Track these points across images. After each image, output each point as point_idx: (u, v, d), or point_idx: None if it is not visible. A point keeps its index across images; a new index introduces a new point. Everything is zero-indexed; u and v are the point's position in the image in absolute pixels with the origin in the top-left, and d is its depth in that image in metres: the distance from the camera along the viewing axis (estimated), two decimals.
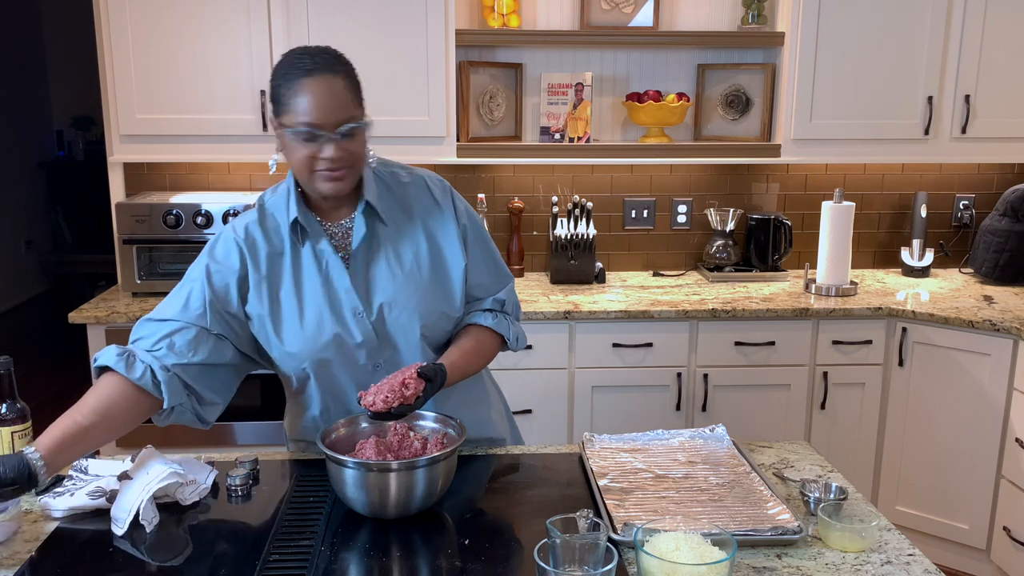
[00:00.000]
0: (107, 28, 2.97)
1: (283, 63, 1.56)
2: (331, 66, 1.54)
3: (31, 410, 1.65)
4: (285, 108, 1.53)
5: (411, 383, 1.51)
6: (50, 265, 6.81)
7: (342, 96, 1.54)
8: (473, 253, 1.75)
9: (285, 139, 1.56)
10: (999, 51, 3.13)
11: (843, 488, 1.56)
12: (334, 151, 1.53)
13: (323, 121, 1.51)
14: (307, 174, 1.57)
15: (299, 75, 1.51)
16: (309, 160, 1.54)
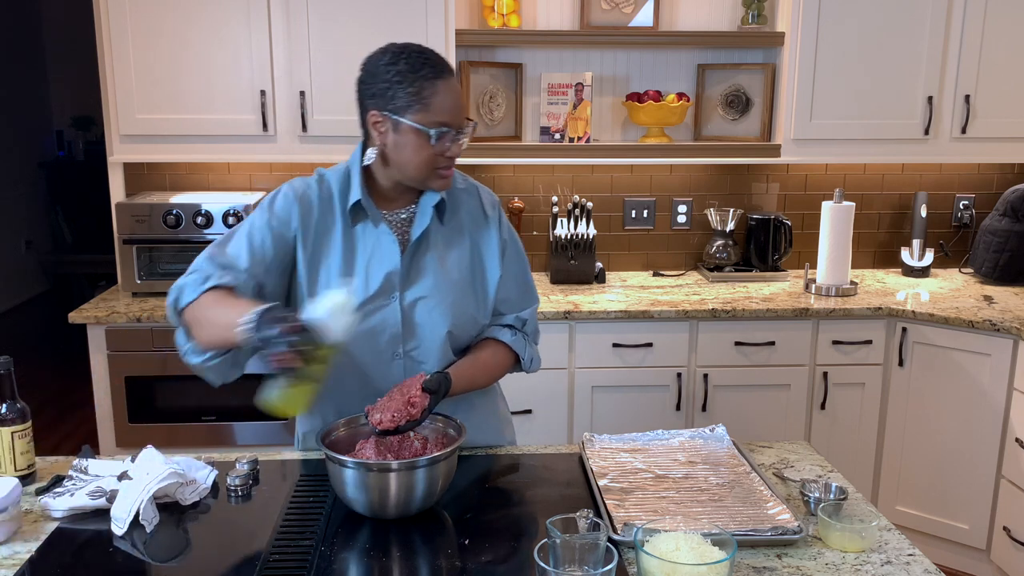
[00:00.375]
0: (107, 28, 2.97)
1: (403, 61, 1.57)
2: (451, 69, 1.61)
3: (31, 410, 1.65)
4: (417, 107, 1.56)
5: (416, 401, 1.52)
6: (50, 265, 6.81)
7: (462, 97, 1.64)
8: (507, 268, 1.78)
9: (406, 136, 1.58)
10: (999, 51, 3.13)
11: (843, 488, 1.56)
12: (456, 150, 1.61)
13: (455, 121, 1.59)
14: (426, 170, 1.61)
15: (435, 75, 1.56)
16: (433, 158, 1.59)
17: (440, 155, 1.59)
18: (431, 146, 1.58)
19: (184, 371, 2.86)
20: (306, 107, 3.03)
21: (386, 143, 1.61)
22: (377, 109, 1.59)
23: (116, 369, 2.89)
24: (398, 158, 1.61)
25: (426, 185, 1.64)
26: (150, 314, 2.86)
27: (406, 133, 1.58)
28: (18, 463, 1.62)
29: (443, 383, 1.57)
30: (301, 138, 3.06)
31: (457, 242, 1.74)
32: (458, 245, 1.74)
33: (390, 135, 1.59)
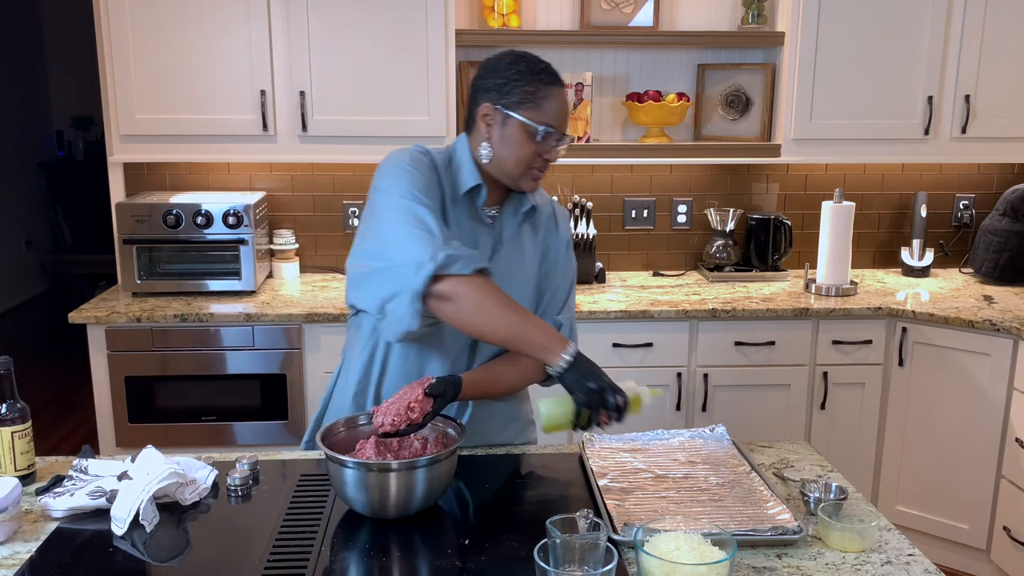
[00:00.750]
0: (107, 28, 2.97)
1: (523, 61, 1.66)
2: (564, 83, 1.72)
3: (31, 410, 1.65)
4: (530, 105, 1.63)
5: (416, 406, 1.52)
6: (50, 265, 6.81)
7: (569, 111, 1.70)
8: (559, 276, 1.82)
9: (513, 131, 1.64)
10: (999, 51, 3.13)
11: (843, 488, 1.56)
12: (555, 155, 1.68)
13: (562, 127, 1.67)
14: (522, 168, 1.66)
15: (550, 81, 1.66)
16: (532, 157, 1.65)
17: (539, 155, 1.65)
18: (534, 144, 1.64)
19: (184, 371, 2.89)
20: (306, 107, 3.03)
21: (492, 136, 1.66)
22: (490, 102, 1.65)
23: (116, 369, 2.89)
24: (501, 152, 1.66)
25: (518, 183, 1.69)
26: (150, 314, 2.86)
27: (514, 128, 1.64)
28: (18, 463, 1.62)
29: (450, 388, 1.58)
30: (301, 138, 3.06)
31: (532, 247, 1.79)
32: (533, 249, 1.79)
33: (497, 128, 1.65)
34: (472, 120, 1.70)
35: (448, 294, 1.54)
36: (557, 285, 1.82)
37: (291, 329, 2.89)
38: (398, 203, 1.59)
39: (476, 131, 1.69)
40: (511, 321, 1.53)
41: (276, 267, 3.36)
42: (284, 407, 2.94)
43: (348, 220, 3.45)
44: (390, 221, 1.59)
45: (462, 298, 1.53)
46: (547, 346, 1.52)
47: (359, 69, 3.03)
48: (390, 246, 1.58)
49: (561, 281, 1.83)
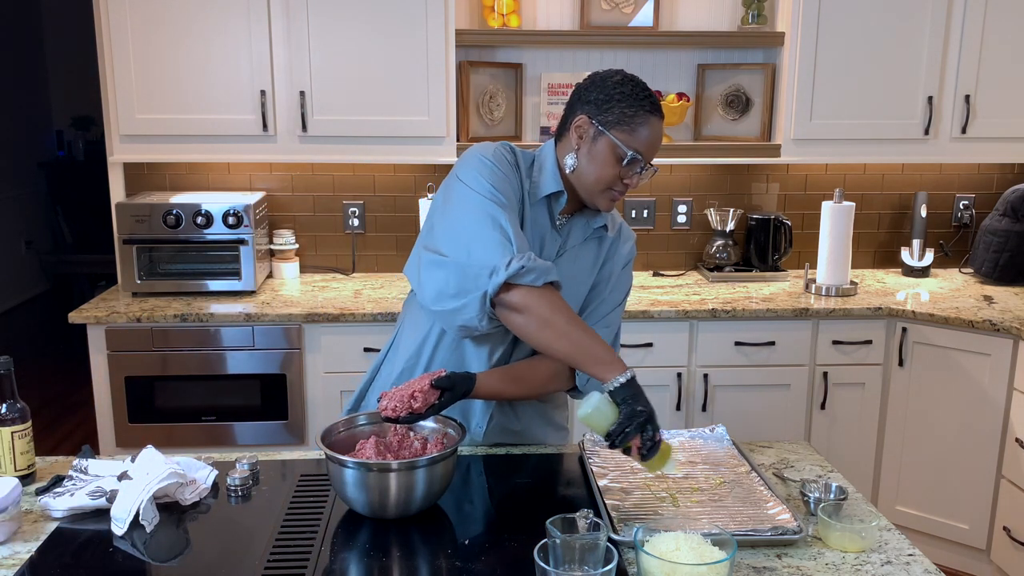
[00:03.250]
0: (107, 28, 2.97)
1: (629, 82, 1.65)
2: (663, 115, 1.70)
3: (31, 410, 1.65)
4: (628, 126, 1.63)
5: (419, 396, 1.53)
6: (50, 265, 6.81)
7: (661, 142, 1.69)
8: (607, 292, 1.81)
9: (602, 147, 1.64)
10: (999, 51, 3.13)
11: (843, 488, 1.56)
12: (636, 181, 1.69)
13: (648, 156, 1.67)
14: (600, 187, 1.67)
15: (650, 109, 1.64)
16: (614, 179, 1.66)
17: (621, 179, 1.66)
18: (619, 166, 1.64)
19: (184, 371, 2.89)
20: (306, 107, 3.03)
21: (580, 148, 1.66)
22: (588, 115, 1.65)
23: (116, 369, 2.89)
24: (585, 166, 1.66)
25: (594, 200, 1.69)
26: (150, 314, 2.86)
27: (604, 145, 1.64)
28: (18, 463, 1.62)
29: (460, 383, 1.58)
30: (301, 138, 3.06)
31: (594, 260, 1.79)
32: (593, 263, 1.79)
33: (587, 142, 1.65)
34: (565, 128, 1.70)
35: (518, 305, 1.56)
36: (604, 298, 1.81)
37: (291, 329, 2.89)
38: (478, 200, 1.61)
39: (566, 140, 1.69)
40: (576, 335, 1.55)
41: (276, 267, 3.36)
42: (284, 407, 2.94)
43: (348, 220, 3.45)
44: (468, 217, 1.61)
45: (531, 311, 1.56)
46: (608, 363, 1.53)
47: (359, 69, 3.03)
48: (466, 243, 1.59)
49: (610, 295, 1.82)
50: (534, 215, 1.72)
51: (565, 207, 1.74)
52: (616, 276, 1.82)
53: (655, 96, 1.67)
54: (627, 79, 1.66)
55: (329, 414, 2.93)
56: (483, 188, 1.62)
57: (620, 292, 1.84)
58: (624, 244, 1.84)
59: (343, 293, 3.14)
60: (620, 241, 1.83)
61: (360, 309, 2.91)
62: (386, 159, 3.12)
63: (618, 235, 1.84)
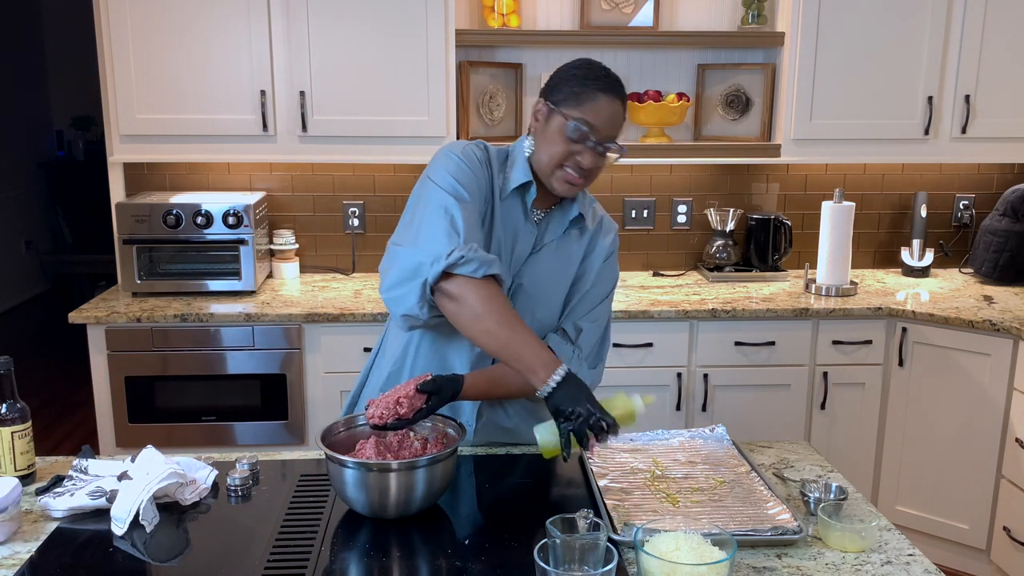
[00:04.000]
0: (107, 28, 2.97)
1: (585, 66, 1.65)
2: (622, 92, 1.66)
3: (31, 410, 1.65)
4: (575, 101, 1.61)
5: (405, 402, 1.52)
6: (50, 265, 6.81)
7: (619, 119, 1.65)
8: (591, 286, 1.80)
9: (552, 124, 1.63)
10: (999, 51, 3.13)
11: (843, 488, 1.56)
12: (589, 160, 1.63)
13: (602, 130, 1.62)
14: (552, 167, 1.65)
15: (600, 87, 1.62)
16: (564, 155, 1.63)
17: (570, 154, 1.62)
18: (566, 140, 1.61)
19: (184, 371, 2.89)
20: (306, 107, 3.03)
21: (536, 130, 1.67)
22: (543, 98, 1.66)
23: (116, 369, 2.89)
24: (539, 146, 1.67)
25: (550, 183, 1.67)
26: (150, 314, 2.86)
27: (552, 121, 1.64)
28: (18, 463, 1.62)
29: (447, 386, 1.57)
30: (301, 138, 3.06)
31: (575, 253, 1.78)
32: (574, 257, 1.78)
33: (542, 123, 1.66)
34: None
35: (453, 293, 1.55)
36: (587, 291, 1.80)
37: (291, 329, 2.89)
38: (437, 194, 1.62)
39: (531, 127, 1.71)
40: (504, 335, 1.52)
41: (276, 267, 3.36)
42: (284, 407, 2.94)
43: (348, 220, 3.45)
44: (424, 210, 1.62)
45: (464, 301, 1.54)
46: (534, 368, 1.49)
47: (359, 69, 3.03)
48: (416, 234, 1.61)
49: (593, 289, 1.80)
50: (506, 209, 1.71)
51: (543, 201, 1.73)
52: (598, 270, 1.80)
53: (615, 78, 1.65)
54: (585, 63, 1.66)
55: (329, 414, 2.92)
56: (444, 182, 1.63)
57: (606, 286, 1.82)
58: (605, 236, 1.82)
59: (343, 293, 3.14)
60: (601, 233, 1.82)
61: (360, 309, 2.91)
62: (386, 159, 3.12)
63: (599, 227, 1.82)
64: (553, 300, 1.76)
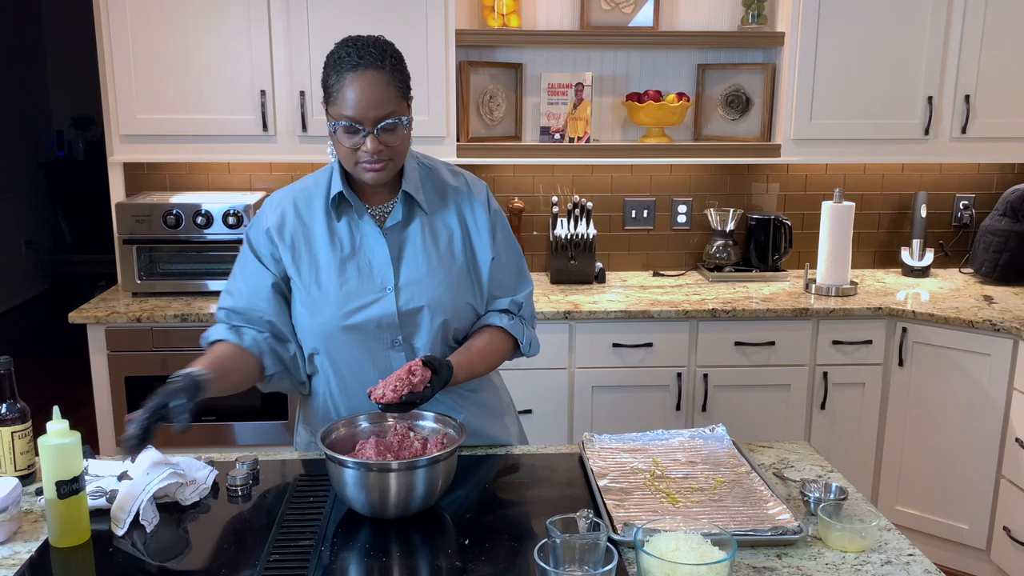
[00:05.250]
0: (107, 28, 2.97)
1: (333, 53, 1.60)
2: (377, 60, 1.57)
3: (31, 410, 1.65)
4: (332, 100, 1.59)
5: (417, 370, 1.53)
6: (50, 265, 6.80)
7: (384, 92, 1.58)
8: (498, 252, 1.78)
9: (331, 129, 1.62)
10: (999, 51, 3.13)
11: (843, 488, 1.56)
12: (373, 145, 1.58)
13: (363, 116, 1.56)
14: (351, 164, 1.63)
15: (345, 69, 1.56)
16: (351, 152, 1.60)
17: (356, 149, 1.59)
18: (348, 139, 1.58)
19: None
20: (306, 107, 3.03)
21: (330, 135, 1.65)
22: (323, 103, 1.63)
23: (116, 369, 2.89)
24: (336, 151, 1.65)
25: (359, 177, 1.65)
26: (150, 314, 2.86)
27: (330, 124, 1.61)
28: (18, 463, 1.62)
29: (444, 366, 1.59)
30: (301, 138, 3.06)
31: (446, 228, 1.74)
32: (447, 231, 1.74)
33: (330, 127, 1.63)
34: None
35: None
36: (503, 261, 1.77)
37: None
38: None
39: None
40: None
41: None
42: (284, 407, 2.94)
43: None
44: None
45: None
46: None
47: None
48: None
49: (505, 256, 1.78)
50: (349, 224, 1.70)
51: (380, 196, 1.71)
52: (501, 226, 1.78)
53: (363, 49, 1.56)
54: (338, 46, 1.59)
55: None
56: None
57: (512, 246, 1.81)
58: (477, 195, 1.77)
59: None
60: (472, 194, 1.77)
61: None
62: None
63: (468, 191, 1.78)
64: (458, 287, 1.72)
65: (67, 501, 1.38)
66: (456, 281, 1.72)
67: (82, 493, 1.41)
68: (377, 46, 1.59)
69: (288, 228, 1.71)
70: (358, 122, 1.56)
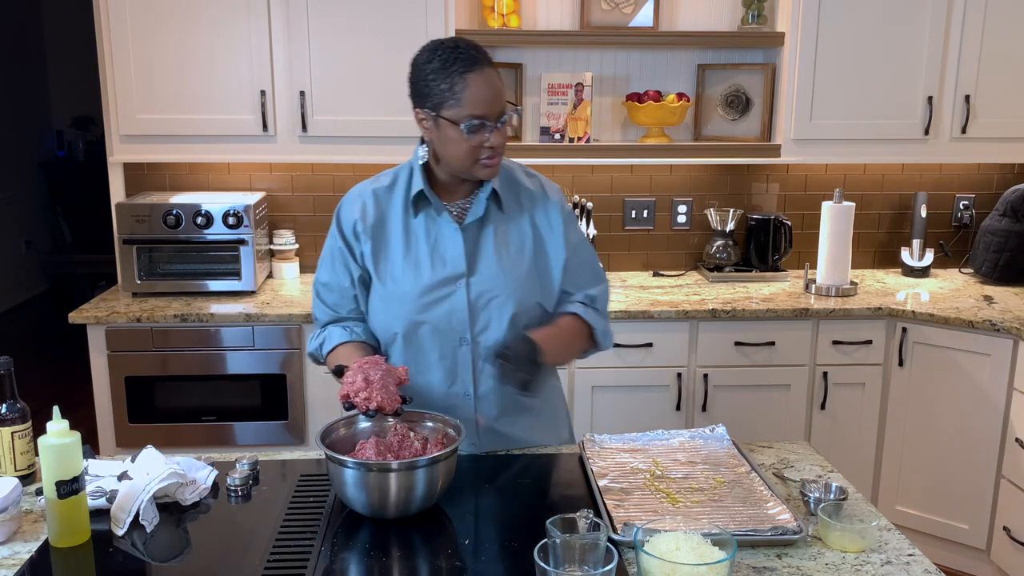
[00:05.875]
0: (107, 28, 2.97)
1: (433, 59, 1.62)
2: (487, 59, 1.63)
3: (31, 410, 1.65)
4: (451, 103, 1.61)
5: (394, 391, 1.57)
6: (50, 265, 6.81)
7: (500, 86, 1.64)
8: (573, 251, 1.82)
9: (446, 131, 1.64)
10: (999, 51, 3.13)
11: (843, 488, 1.56)
12: (498, 139, 1.64)
13: (489, 112, 1.61)
14: (469, 162, 1.66)
15: (462, 70, 1.60)
16: (474, 150, 1.64)
17: (478, 146, 1.63)
18: (467, 138, 1.62)
19: (184, 371, 2.89)
20: (306, 107, 3.03)
21: (432, 138, 1.68)
22: (419, 107, 1.67)
23: (116, 369, 2.89)
24: (442, 152, 1.68)
25: (473, 175, 1.69)
26: (150, 314, 2.86)
27: (444, 128, 1.64)
28: (18, 463, 1.62)
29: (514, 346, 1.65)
30: (301, 138, 3.06)
31: (519, 229, 1.78)
32: (520, 231, 1.78)
33: (433, 130, 1.66)
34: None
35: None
36: (581, 258, 1.82)
37: (291, 329, 2.89)
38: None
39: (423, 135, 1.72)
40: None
41: (276, 267, 3.36)
42: (284, 407, 2.94)
43: None
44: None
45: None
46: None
47: (359, 69, 3.03)
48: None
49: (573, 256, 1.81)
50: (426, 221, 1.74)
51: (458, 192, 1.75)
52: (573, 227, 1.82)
53: (468, 50, 1.61)
54: (433, 53, 1.63)
55: (329, 414, 2.92)
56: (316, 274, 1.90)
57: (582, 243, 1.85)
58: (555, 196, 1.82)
59: None
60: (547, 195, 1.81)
61: None
62: (386, 159, 3.11)
63: (543, 192, 1.81)
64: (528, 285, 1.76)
65: (67, 501, 1.39)
66: (527, 278, 1.76)
67: (82, 493, 1.41)
68: (473, 45, 1.64)
69: (369, 221, 1.76)
70: (485, 118, 1.60)
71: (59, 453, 1.38)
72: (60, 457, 1.38)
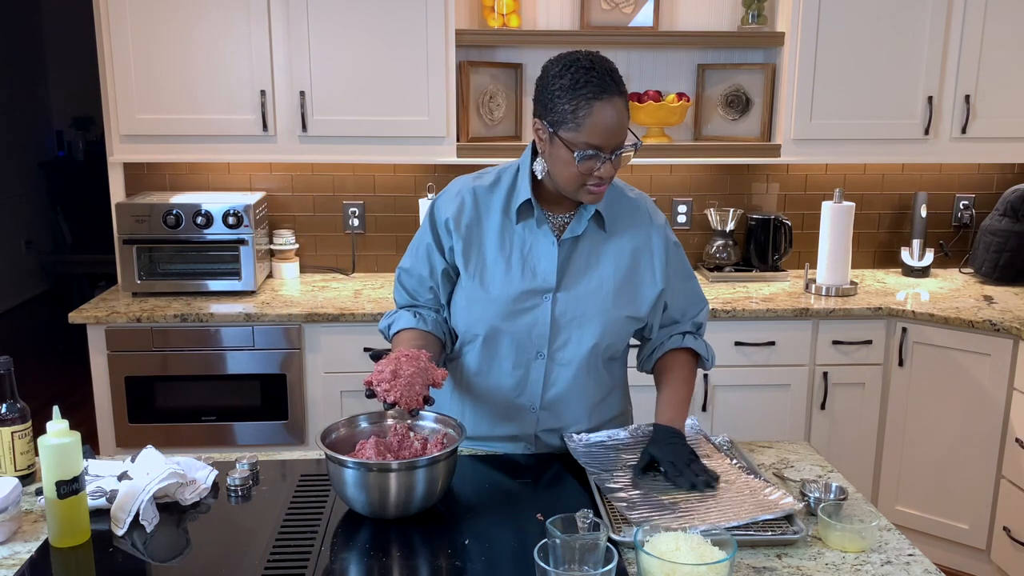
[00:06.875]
0: (107, 28, 2.97)
1: (568, 74, 1.56)
2: (619, 86, 1.57)
3: (31, 410, 1.65)
4: (573, 127, 1.56)
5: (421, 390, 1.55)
6: (50, 265, 6.80)
7: (625, 118, 1.58)
8: (674, 279, 1.79)
9: (559, 150, 1.59)
10: (999, 51, 3.13)
11: (843, 488, 1.56)
12: (609, 171, 1.59)
13: (606, 144, 1.56)
14: (575, 186, 1.62)
15: (590, 96, 1.54)
16: (582, 176, 1.59)
17: (587, 174, 1.58)
18: (581, 165, 1.57)
19: (184, 371, 2.89)
20: (306, 107, 3.03)
21: (545, 151, 1.64)
22: (539, 117, 1.62)
23: (116, 369, 2.89)
24: (552, 168, 1.63)
25: (576, 197, 1.65)
26: (150, 314, 2.86)
27: (558, 146, 1.59)
28: (18, 463, 1.62)
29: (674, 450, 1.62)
30: (301, 138, 3.06)
31: (617, 250, 1.74)
32: (618, 250, 1.74)
33: (547, 144, 1.62)
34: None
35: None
36: (684, 284, 1.81)
37: (291, 329, 2.89)
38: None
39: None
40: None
41: (276, 267, 3.36)
42: (284, 407, 2.94)
43: (348, 220, 3.45)
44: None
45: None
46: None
47: (359, 69, 3.03)
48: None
49: (676, 283, 1.79)
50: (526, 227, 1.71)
51: (563, 205, 1.72)
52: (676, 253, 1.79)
53: (603, 75, 1.55)
54: (567, 68, 1.56)
55: (329, 414, 2.93)
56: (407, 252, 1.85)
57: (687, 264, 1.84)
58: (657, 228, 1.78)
59: (343, 293, 3.14)
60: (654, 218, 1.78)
61: (360, 309, 2.91)
62: (386, 159, 3.12)
63: (647, 214, 1.78)
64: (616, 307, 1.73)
65: (67, 501, 1.39)
66: (614, 302, 1.72)
67: (82, 493, 1.41)
68: (611, 69, 1.58)
69: (464, 220, 1.73)
70: (601, 149, 1.55)
71: (59, 453, 1.38)
72: (60, 457, 1.38)
